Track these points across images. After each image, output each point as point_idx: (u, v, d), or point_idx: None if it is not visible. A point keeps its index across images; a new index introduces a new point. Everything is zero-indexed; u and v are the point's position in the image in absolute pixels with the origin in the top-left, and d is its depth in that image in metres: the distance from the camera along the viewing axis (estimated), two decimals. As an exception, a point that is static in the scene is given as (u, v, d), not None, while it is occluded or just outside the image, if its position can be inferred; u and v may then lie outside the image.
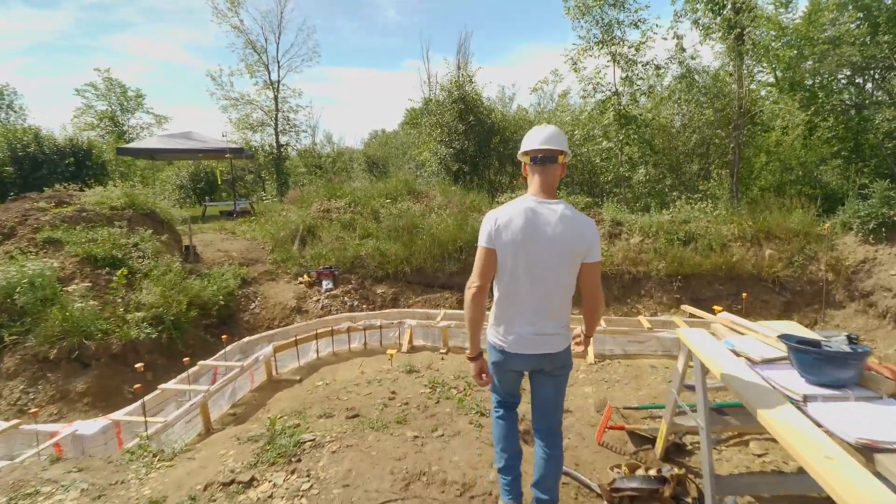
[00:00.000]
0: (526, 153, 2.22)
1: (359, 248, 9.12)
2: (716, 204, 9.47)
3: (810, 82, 11.59)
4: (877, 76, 10.07)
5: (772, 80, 13.58)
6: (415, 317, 7.67)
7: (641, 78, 11.48)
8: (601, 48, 11.14)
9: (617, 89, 11.47)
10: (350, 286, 8.61)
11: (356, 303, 8.35)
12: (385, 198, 10.64)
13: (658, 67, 11.40)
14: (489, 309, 2.26)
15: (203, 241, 9.69)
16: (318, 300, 8.11)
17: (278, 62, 19.89)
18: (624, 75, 11.26)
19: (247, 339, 6.23)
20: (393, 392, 3.94)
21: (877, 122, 9.52)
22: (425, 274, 8.95)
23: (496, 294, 2.23)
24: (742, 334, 2.69)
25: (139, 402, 4.17)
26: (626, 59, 11.17)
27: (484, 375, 2.28)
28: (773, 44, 12.72)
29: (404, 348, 7.04)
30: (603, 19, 10.97)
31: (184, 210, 15.59)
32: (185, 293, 6.39)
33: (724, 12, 11.83)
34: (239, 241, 9.88)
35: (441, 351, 7.04)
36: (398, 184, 11.31)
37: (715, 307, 7.07)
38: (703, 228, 8.59)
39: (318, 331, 6.62)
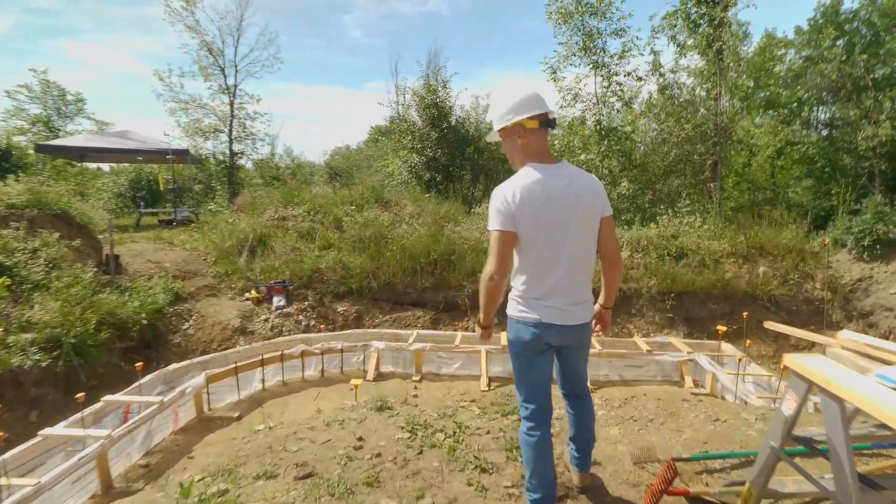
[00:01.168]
0: (534, 117, 2.00)
1: (318, 261, 8.13)
2: (704, 219, 9.10)
3: (791, 100, 11.67)
4: (853, 96, 10.22)
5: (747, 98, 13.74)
6: (382, 338, 6.71)
7: (622, 90, 11.22)
8: (583, 56, 10.82)
9: (598, 100, 11.15)
10: (306, 303, 7.56)
11: (313, 322, 7.30)
12: (350, 206, 9.69)
13: (640, 79, 11.18)
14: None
15: (132, 250, 8.39)
16: (267, 319, 7.01)
17: (236, 66, 18.75)
18: (606, 84, 10.97)
19: (173, 366, 5.09)
20: (360, 439, 2.99)
21: (858, 140, 9.52)
22: (394, 290, 8.03)
23: (522, 273, 2.06)
24: (889, 362, 1.99)
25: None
26: (607, 70, 10.89)
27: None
28: (730, 73, 12.91)
29: (370, 375, 6.06)
30: (584, 28, 10.67)
31: (123, 220, 14.05)
32: (95, 310, 5.19)
33: (701, 29, 11.87)
34: (176, 252, 8.64)
35: (414, 379, 6.11)
36: (365, 191, 10.42)
37: (719, 327, 6.51)
38: (694, 244, 8.14)
39: (265, 355, 5.56)
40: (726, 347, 6.78)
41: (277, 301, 7.36)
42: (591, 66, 10.90)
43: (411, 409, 3.60)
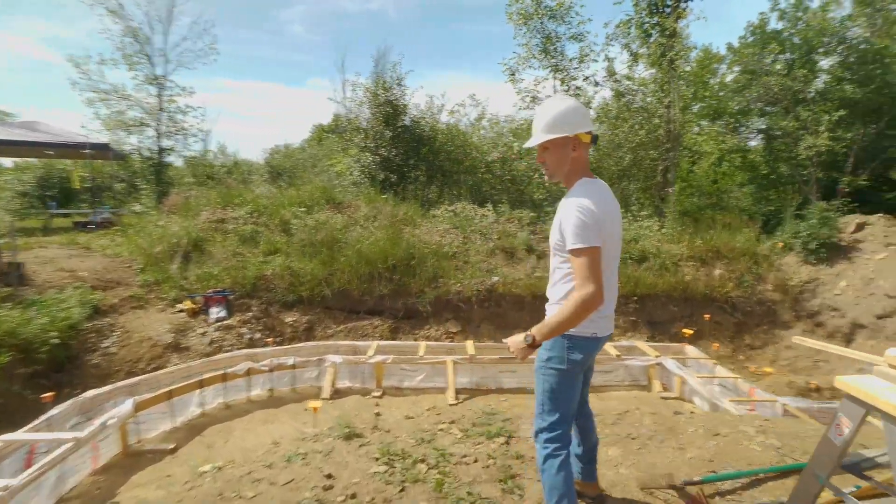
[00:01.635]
0: (589, 133, 2.04)
1: (263, 267, 7.54)
2: (663, 223, 9.34)
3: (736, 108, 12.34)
4: (792, 108, 10.97)
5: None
6: (338, 351, 6.27)
7: (579, 93, 11.38)
8: (542, 59, 10.89)
9: (556, 102, 11.22)
10: (250, 314, 6.97)
11: (258, 335, 6.72)
12: (298, 207, 9.11)
13: (597, 84, 11.41)
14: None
15: (41, 257, 7.39)
16: (204, 333, 6.36)
17: (166, 55, 17.36)
18: (564, 88, 11.08)
19: (91, 392, 4.41)
20: (329, 476, 2.60)
21: (800, 149, 10.19)
22: (350, 297, 7.59)
23: None
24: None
25: None
26: (566, 74, 11.02)
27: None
28: (681, 83, 13.56)
29: (325, 393, 5.62)
30: (543, 30, 10.74)
31: (30, 222, 12.52)
32: (-9, 328, 4.41)
33: (652, 38, 12.31)
34: (94, 259, 7.72)
35: (374, 394, 5.74)
36: (314, 191, 9.86)
37: (685, 330, 6.61)
38: (654, 247, 8.29)
39: (205, 375, 4.99)
40: (690, 350, 6.91)
41: (216, 312, 6.71)
42: (551, 69, 10.99)
43: (384, 435, 3.24)
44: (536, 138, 2.04)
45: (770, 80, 10.50)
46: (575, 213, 1.86)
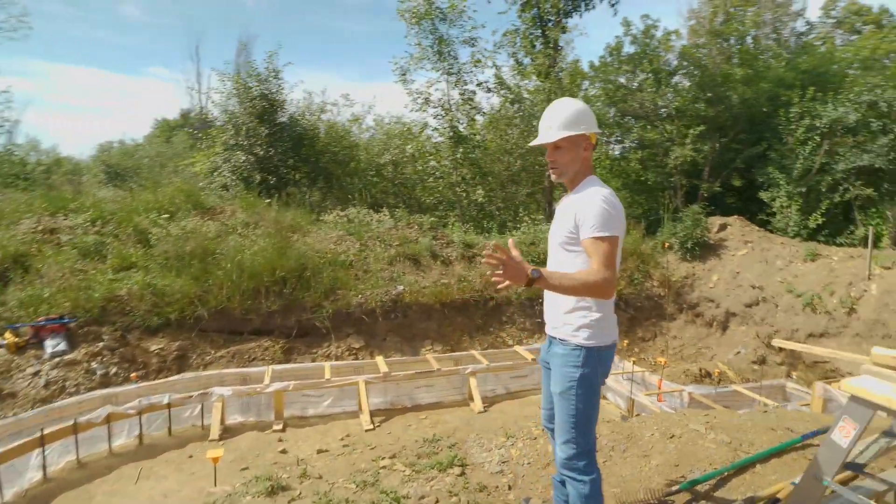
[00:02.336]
0: (595, 133, 2.12)
1: (114, 286, 6.41)
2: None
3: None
4: (655, 122, 12.62)
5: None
6: (224, 382, 5.51)
7: (472, 98, 11.74)
8: (435, 61, 11.01)
9: (451, 106, 11.42)
10: (101, 344, 5.82)
11: (115, 370, 5.64)
12: (157, 213, 7.92)
13: (490, 90, 11.86)
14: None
15: None
16: (38, 373, 5.14)
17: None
18: (459, 91, 11.37)
19: None
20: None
21: (670, 159, 11.71)
22: (231, 317, 6.79)
23: None
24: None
25: None
26: (459, 77, 11.29)
27: None
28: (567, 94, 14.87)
29: (214, 433, 4.88)
30: (435, 32, 10.87)
31: None
32: None
33: (537, 48, 13.23)
34: None
35: (276, 427, 5.14)
36: (176, 195, 8.66)
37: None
38: (554, 249, 8.77)
39: (47, 429, 3.97)
40: (595, 348, 7.38)
41: (53, 345, 5.46)
42: (444, 71, 11.15)
43: (315, 483, 2.81)
44: (551, 135, 2.04)
45: (641, 96, 11.95)
46: (599, 202, 1.90)
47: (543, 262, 8.07)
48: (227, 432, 5.06)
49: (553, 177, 2.14)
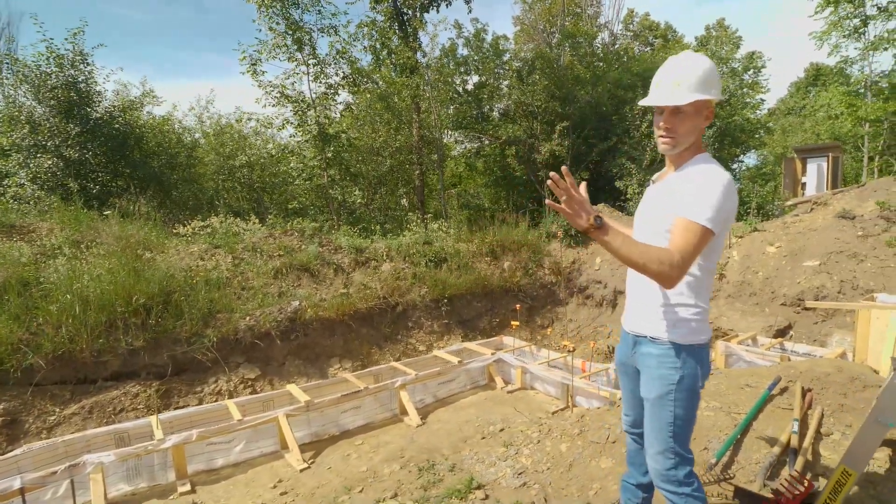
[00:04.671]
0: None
1: None
2: (450, 224, 10.14)
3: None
4: (527, 120, 13.74)
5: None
6: (90, 446, 4.45)
7: (336, 94, 11.33)
8: (293, 52, 10.35)
9: (312, 101, 10.82)
10: None
11: None
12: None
13: (354, 84, 11.55)
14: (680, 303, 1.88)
15: None
16: None
17: None
18: (325, 88, 10.87)
19: None
20: None
21: (541, 154, 12.80)
22: (78, 362, 5.53)
23: (704, 285, 1.89)
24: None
25: None
26: (320, 70, 10.80)
27: None
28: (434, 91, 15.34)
29: (98, 514, 3.87)
30: (288, 17, 10.21)
31: None
32: None
33: (395, 44, 13.32)
34: None
35: (181, 490, 4.30)
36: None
37: (513, 322, 7.30)
38: (451, 248, 8.92)
39: None
40: (508, 340, 7.68)
41: None
42: (302, 63, 10.54)
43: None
44: (679, 96, 1.77)
45: (512, 93, 12.92)
46: (719, 189, 1.70)
47: (444, 260, 8.11)
48: (114, 508, 4.07)
49: (662, 146, 1.87)
